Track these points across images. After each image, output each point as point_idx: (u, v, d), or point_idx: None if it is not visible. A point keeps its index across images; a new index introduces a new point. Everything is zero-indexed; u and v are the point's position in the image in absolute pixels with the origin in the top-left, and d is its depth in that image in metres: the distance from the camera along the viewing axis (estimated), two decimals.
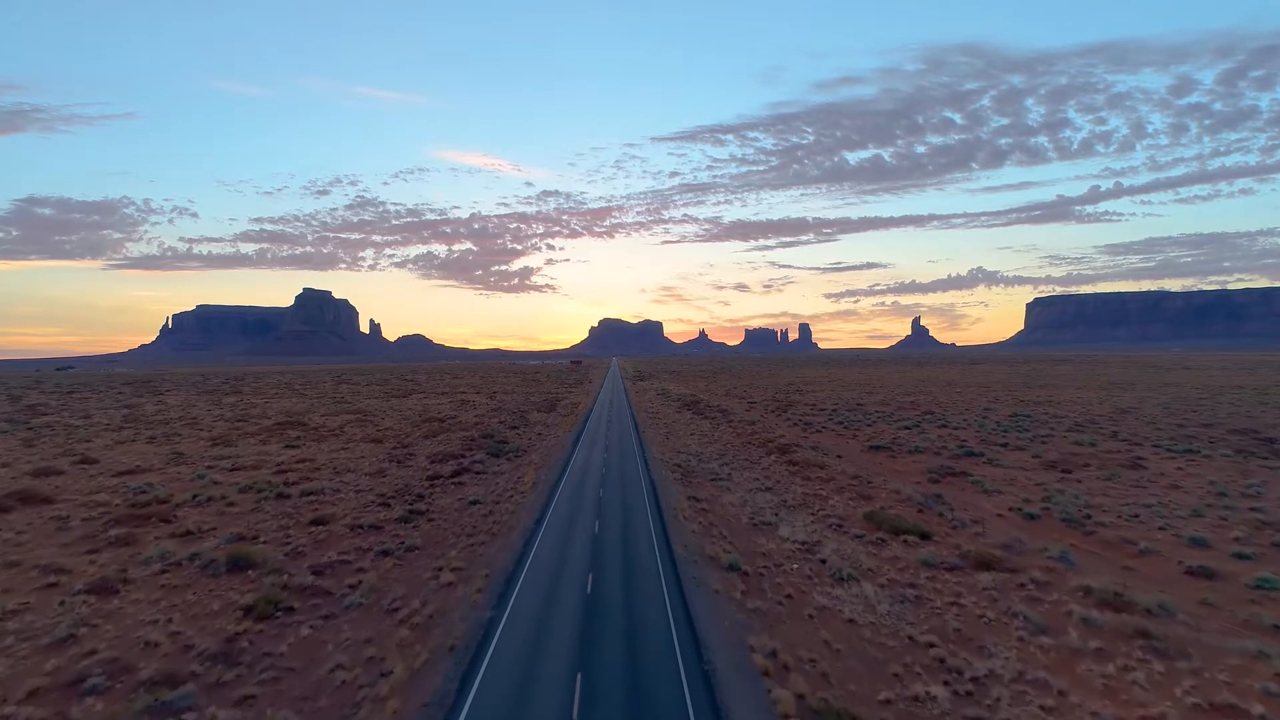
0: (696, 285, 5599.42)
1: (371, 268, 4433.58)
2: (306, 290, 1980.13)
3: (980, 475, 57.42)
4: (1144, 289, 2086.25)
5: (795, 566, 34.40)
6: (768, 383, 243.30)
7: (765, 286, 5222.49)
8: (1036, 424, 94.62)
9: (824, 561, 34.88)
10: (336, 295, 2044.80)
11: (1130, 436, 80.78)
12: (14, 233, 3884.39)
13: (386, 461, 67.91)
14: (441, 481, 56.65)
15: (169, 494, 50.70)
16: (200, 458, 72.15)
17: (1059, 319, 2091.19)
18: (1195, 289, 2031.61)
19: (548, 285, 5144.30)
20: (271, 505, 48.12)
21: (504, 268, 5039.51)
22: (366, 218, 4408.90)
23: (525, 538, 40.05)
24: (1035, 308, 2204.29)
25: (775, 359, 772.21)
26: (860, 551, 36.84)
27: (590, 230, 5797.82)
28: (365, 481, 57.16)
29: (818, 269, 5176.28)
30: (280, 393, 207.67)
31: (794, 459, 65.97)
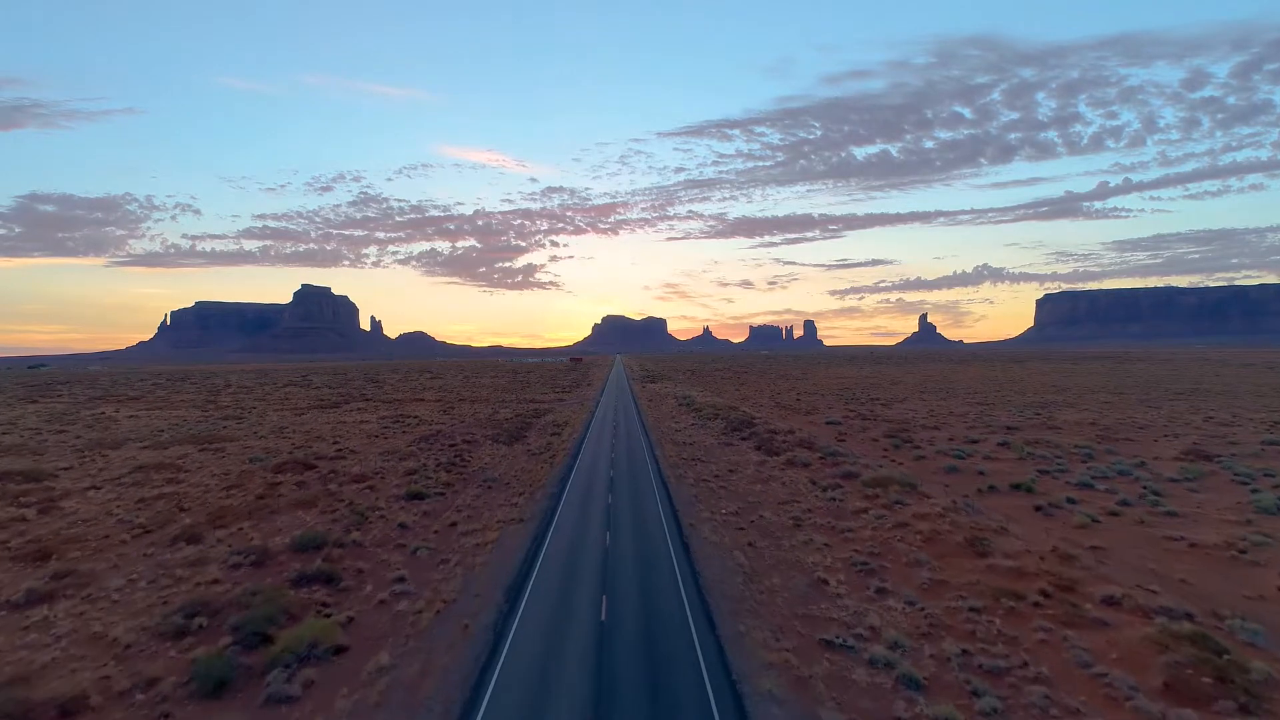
0: (701, 282, 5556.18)
1: (375, 265, 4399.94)
2: (305, 286, 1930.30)
3: None
4: (1151, 285, 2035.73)
5: None
6: (810, 386, 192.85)
7: (770, 283, 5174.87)
8: None
9: None
10: (338, 292, 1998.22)
11: None
12: (16, 229, 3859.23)
13: None
14: None
15: None
16: None
17: (1070, 315, 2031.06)
18: (1203, 285, 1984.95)
19: (551, 282, 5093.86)
20: None
21: (507, 264, 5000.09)
22: (370, 214, 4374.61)
23: None
24: (1046, 304, 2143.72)
25: (788, 356, 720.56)
26: None
27: (594, 227, 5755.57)
28: None
29: (823, 266, 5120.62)
30: (183, 402, 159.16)
31: None
